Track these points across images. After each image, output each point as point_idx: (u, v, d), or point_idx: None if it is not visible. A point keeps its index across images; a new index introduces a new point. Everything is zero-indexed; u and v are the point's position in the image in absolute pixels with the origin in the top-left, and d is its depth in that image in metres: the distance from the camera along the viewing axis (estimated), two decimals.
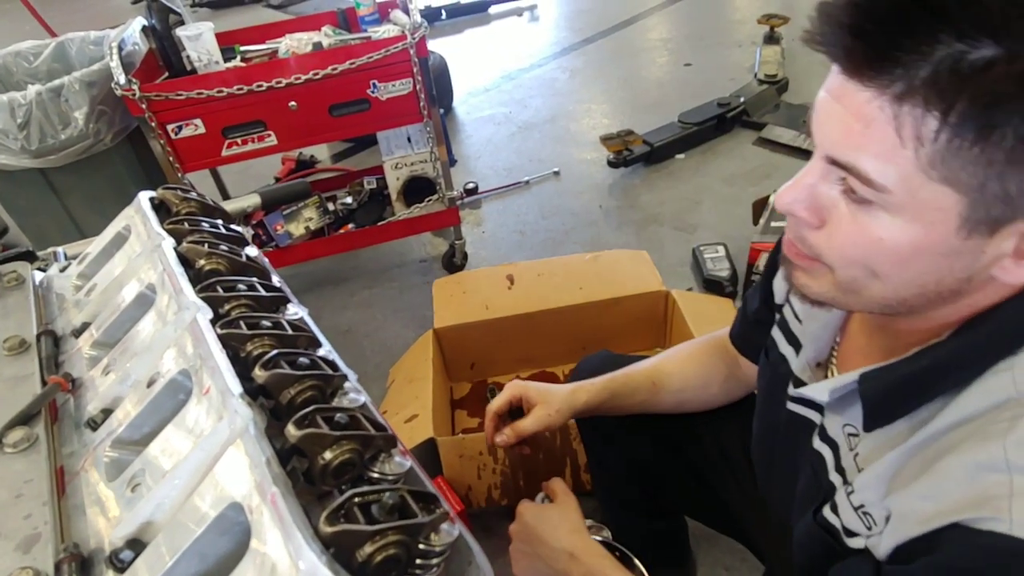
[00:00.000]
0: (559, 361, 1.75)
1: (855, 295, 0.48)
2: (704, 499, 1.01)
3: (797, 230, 0.50)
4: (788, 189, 0.48)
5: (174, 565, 0.33)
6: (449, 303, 1.67)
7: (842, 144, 0.43)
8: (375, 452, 0.38)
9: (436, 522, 0.33)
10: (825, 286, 0.50)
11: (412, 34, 1.68)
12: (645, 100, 3.13)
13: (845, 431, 0.56)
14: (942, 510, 0.42)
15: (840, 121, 0.43)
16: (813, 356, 0.64)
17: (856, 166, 0.42)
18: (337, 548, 0.30)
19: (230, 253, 0.54)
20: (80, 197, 1.81)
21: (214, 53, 1.71)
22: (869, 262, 0.45)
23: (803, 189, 0.47)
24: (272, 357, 0.40)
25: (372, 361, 1.88)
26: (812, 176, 0.47)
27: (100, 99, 1.71)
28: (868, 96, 0.40)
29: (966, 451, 0.43)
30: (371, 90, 1.75)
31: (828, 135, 0.44)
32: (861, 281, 0.47)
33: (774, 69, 2.87)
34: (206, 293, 0.49)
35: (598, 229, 2.30)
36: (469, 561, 0.37)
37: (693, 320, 1.54)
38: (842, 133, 0.43)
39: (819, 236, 0.48)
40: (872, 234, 0.44)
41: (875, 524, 0.49)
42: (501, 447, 0.92)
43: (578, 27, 4.08)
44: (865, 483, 0.51)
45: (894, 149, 0.40)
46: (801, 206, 0.48)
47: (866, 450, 0.53)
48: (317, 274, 2.26)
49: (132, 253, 0.56)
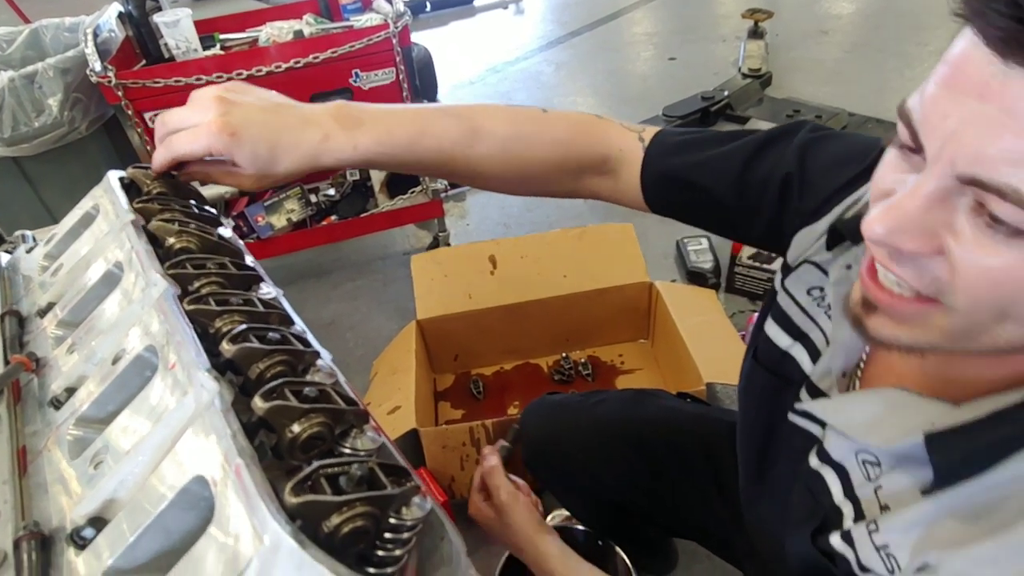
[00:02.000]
0: (543, 352, 1.75)
1: (968, 341, 0.38)
2: (675, 523, 0.97)
3: (898, 267, 0.38)
4: (884, 215, 0.37)
5: (136, 540, 0.32)
6: (431, 289, 1.66)
7: (996, 159, 0.32)
8: (346, 427, 0.37)
9: (406, 495, 0.32)
10: (928, 335, 0.39)
11: (395, 23, 1.67)
12: (630, 93, 3.13)
13: (859, 457, 0.49)
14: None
15: (990, 127, 0.32)
16: (841, 366, 0.53)
17: (1018, 189, 0.31)
18: (303, 520, 0.29)
19: (201, 232, 0.53)
20: (55, 186, 1.77)
21: (192, 40, 1.69)
22: (1011, 303, 0.35)
23: (910, 214, 0.36)
24: (241, 331, 0.39)
25: (355, 354, 1.87)
26: (923, 198, 0.35)
27: (75, 86, 1.67)
28: None
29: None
30: (353, 79, 1.73)
31: (968, 147, 0.33)
32: (985, 325, 0.37)
33: (758, 63, 2.89)
34: (175, 271, 0.47)
35: (583, 221, 2.30)
36: (442, 536, 0.36)
37: (676, 311, 1.54)
38: (993, 143, 0.32)
39: (937, 269, 0.37)
40: (1022, 271, 0.34)
41: (899, 569, 0.44)
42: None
43: (564, 20, 4.07)
44: (894, 525, 0.45)
45: None
46: (908, 237, 0.36)
47: (894, 487, 0.46)
48: (299, 266, 2.24)
49: (100, 232, 0.54)
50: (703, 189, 0.64)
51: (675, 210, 0.69)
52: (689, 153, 0.66)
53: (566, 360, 1.70)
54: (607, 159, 0.68)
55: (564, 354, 1.72)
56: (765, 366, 0.62)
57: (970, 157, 0.33)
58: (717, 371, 1.36)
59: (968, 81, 0.33)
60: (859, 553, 0.47)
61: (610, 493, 0.96)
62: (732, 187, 0.63)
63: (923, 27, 3.31)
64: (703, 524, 0.92)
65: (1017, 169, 0.31)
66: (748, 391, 0.66)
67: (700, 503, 0.90)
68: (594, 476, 0.94)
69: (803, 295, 0.59)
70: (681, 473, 0.90)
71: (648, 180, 0.67)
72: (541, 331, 1.69)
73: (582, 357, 1.72)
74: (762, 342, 0.62)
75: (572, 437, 0.95)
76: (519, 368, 1.74)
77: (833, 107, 2.65)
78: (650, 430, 0.92)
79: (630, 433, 0.92)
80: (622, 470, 0.93)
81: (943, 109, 0.34)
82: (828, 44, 3.31)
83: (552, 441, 0.97)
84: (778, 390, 0.60)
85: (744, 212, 0.63)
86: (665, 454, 0.91)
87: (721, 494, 0.88)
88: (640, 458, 0.92)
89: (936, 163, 0.35)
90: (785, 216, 0.60)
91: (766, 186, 0.61)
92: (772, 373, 0.61)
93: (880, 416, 0.46)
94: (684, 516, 0.93)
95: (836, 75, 2.99)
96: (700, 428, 0.92)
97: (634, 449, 0.92)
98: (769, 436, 0.63)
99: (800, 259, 0.59)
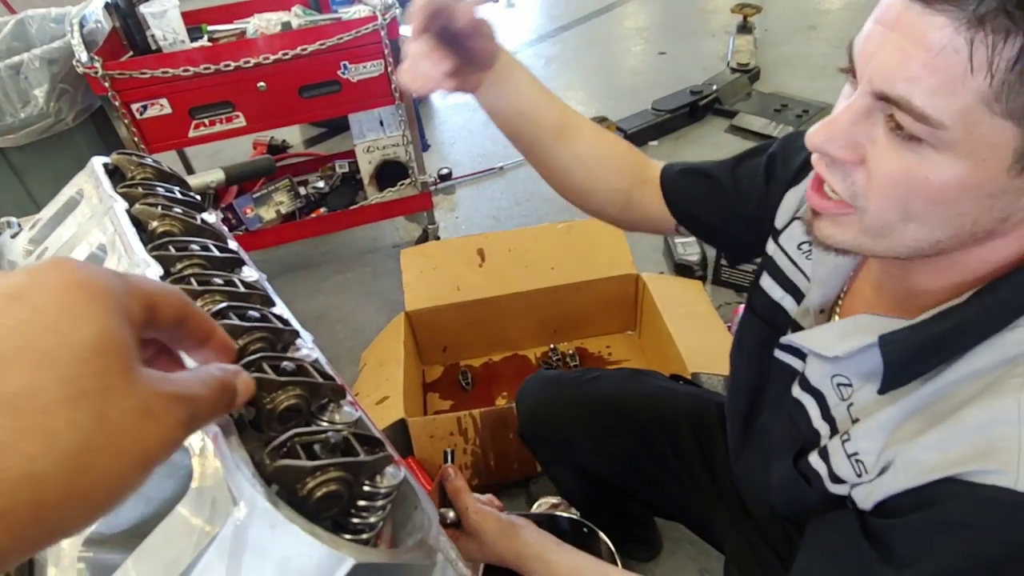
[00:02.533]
0: (531, 344, 1.76)
1: (884, 239, 0.46)
2: (661, 499, 0.99)
3: (829, 173, 0.47)
4: (821, 128, 0.45)
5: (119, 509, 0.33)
6: (419, 281, 1.67)
7: (896, 76, 0.40)
8: (324, 401, 0.39)
9: (379, 463, 0.33)
10: (851, 233, 0.47)
11: (383, 15, 1.67)
12: (620, 87, 3.14)
13: (834, 381, 0.55)
14: (947, 461, 0.42)
15: (896, 51, 0.40)
16: (819, 302, 0.61)
17: (910, 101, 0.39)
18: (279, 484, 0.30)
19: (184, 216, 0.54)
20: (41, 177, 1.77)
21: (180, 31, 1.68)
22: (908, 203, 0.43)
23: (840, 128, 0.44)
24: (220, 309, 0.40)
25: (345, 345, 1.87)
26: (852, 113, 0.44)
27: (61, 77, 1.67)
28: (940, 21, 0.37)
29: (978, 404, 0.42)
30: (342, 71, 1.73)
31: (880, 67, 0.41)
32: (893, 225, 0.45)
33: (746, 58, 2.91)
34: (157, 252, 0.48)
35: (572, 214, 2.29)
36: (415, 506, 0.37)
37: (663, 302, 1.56)
38: (897, 64, 0.40)
39: (857, 175, 0.45)
40: (917, 173, 0.41)
41: (866, 472, 0.49)
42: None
43: (555, 14, 4.07)
44: (864, 432, 0.50)
45: (957, 80, 0.37)
46: (836, 144, 0.45)
47: (863, 400, 0.52)
48: (289, 259, 2.24)
49: (83, 217, 0.55)
50: (709, 176, 0.76)
51: (690, 204, 0.77)
52: (693, 165, 0.79)
53: (554, 352, 1.72)
54: (646, 169, 0.80)
55: (552, 346, 1.74)
56: (759, 315, 0.68)
57: (881, 75, 0.41)
58: (703, 361, 1.38)
59: (888, 15, 0.41)
60: (832, 464, 0.52)
61: (599, 467, 0.98)
62: (729, 176, 0.74)
63: None
64: (687, 502, 0.94)
65: (914, 85, 0.39)
66: (742, 343, 0.73)
67: (687, 479, 0.92)
68: (584, 449, 0.97)
69: (794, 249, 0.65)
70: (670, 449, 0.93)
71: (667, 182, 0.78)
72: (529, 323, 1.70)
73: (570, 348, 1.74)
74: (758, 295, 0.69)
75: (565, 411, 0.98)
76: (507, 360, 1.75)
77: (820, 101, 2.67)
78: (642, 407, 0.95)
79: (622, 409, 0.95)
80: (612, 444, 0.95)
81: (871, 39, 0.42)
82: (816, 39, 3.33)
83: (545, 414, 1.00)
84: (768, 337, 0.66)
85: (739, 195, 0.73)
86: (655, 431, 0.93)
87: (707, 471, 0.90)
88: (630, 433, 0.94)
89: (861, 82, 0.43)
90: (771, 188, 0.69)
91: (755, 170, 0.72)
92: (765, 322, 0.67)
93: (845, 334, 0.53)
94: (670, 493, 0.95)
95: (823, 70, 3.01)
96: (690, 407, 0.94)
97: (625, 424, 0.94)
98: (758, 384, 0.68)
99: (790, 217, 0.66)
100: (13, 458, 0.20)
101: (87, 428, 0.22)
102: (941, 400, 0.45)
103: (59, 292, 0.23)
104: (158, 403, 0.25)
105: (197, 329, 0.30)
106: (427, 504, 0.37)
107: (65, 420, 0.22)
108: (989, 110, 0.38)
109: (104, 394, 0.23)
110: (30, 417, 0.21)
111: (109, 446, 0.23)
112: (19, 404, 0.21)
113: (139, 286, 0.27)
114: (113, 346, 0.24)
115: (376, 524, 0.35)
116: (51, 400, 0.21)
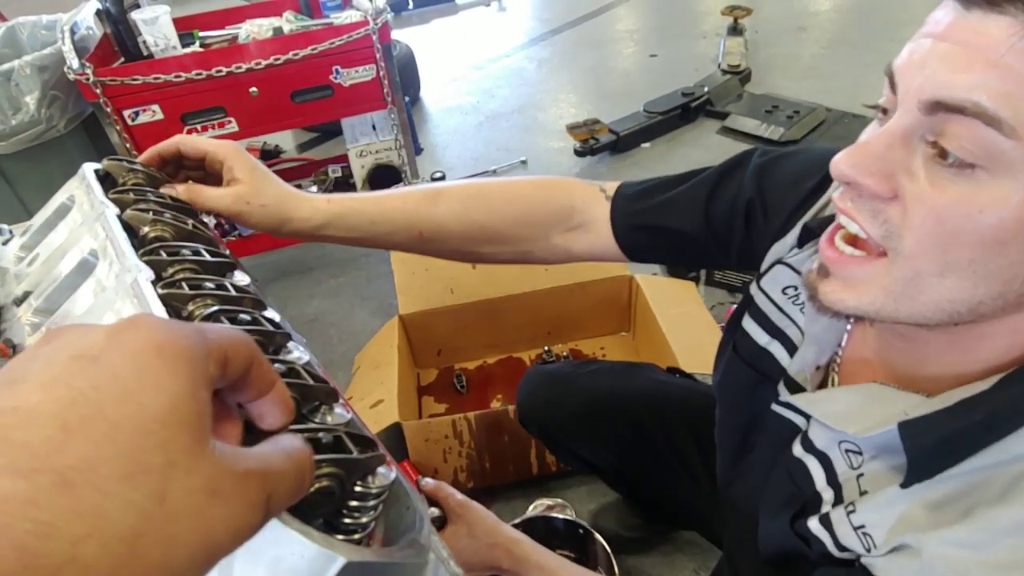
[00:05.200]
0: (525, 346, 1.76)
1: (911, 300, 0.40)
2: (660, 496, 0.99)
3: (856, 209, 0.40)
4: (850, 153, 0.39)
5: None
6: (413, 284, 1.67)
7: (957, 81, 0.35)
8: (315, 404, 0.39)
9: (372, 462, 0.34)
10: (869, 296, 0.41)
11: (374, 19, 1.68)
12: (611, 90, 3.16)
13: (842, 447, 0.50)
14: (982, 563, 0.39)
15: (955, 56, 0.35)
16: (814, 360, 0.56)
17: (979, 103, 0.34)
18: None
19: (176, 221, 0.54)
20: (32, 185, 1.76)
21: (171, 37, 1.68)
22: (952, 245, 0.37)
23: (873, 153, 0.38)
24: (212, 312, 0.40)
25: (339, 349, 1.87)
26: (889, 137, 0.38)
27: (52, 84, 1.67)
28: (1004, 24, 0.34)
29: (1014, 502, 0.38)
30: (334, 76, 1.73)
31: (934, 76, 0.36)
32: (927, 278, 0.38)
33: (737, 60, 2.92)
34: (149, 258, 0.48)
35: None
36: (407, 506, 0.37)
37: (656, 303, 1.56)
38: (958, 67, 0.35)
39: (891, 211, 0.39)
40: (970, 206, 0.35)
41: (875, 547, 0.45)
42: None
43: (546, 17, 4.09)
44: (872, 505, 0.46)
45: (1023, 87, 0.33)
46: (867, 172, 0.38)
47: (874, 473, 0.48)
48: (283, 264, 2.24)
49: (75, 223, 0.55)
50: (675, 231, 0.67)
51: (653, 255, 0.72)
52: (652, 198, 0.69)
53: (548, 353, 1.72)
54: (572, 211, 0.71)
55: (546, 347, 1.74)
56: (744, 359, 0.64)
57: (936, 83, 0.36)
58: (697, 362, 1.38)
59: (937, 28, 0.37)
60: (837, 534, 0.48)
61: (599, 461, 0.98)
62: (700, 224, 0.66)
63: (897, 23, 3.36)
64: (686, 499, 0.94)
65: (976, 88, 0.34)
66: (727, 384, 0.68)
67: (685, 475, 0.92)
68: (583, 444, 0.97)
69: (778, 294, 0.61)
70: (667, 444, 0.93)
71: (620, 231, 0.70)
72: (523, 325, 1.71)
73: (564, 350, 1.74)
74: (740, 337, 0.64)
75: (563, 406, 0.98)
76: (502, 362, 1.76)
77: (811, 102, 2.69)
78: (638, 401, 0.95)
79: (618, 404, 0.95)
80: (610, 439, 0.95)
81: (917, 55, 0.38)
82: (806, 40, 3.36)
83: (544, 409, 1.00)
84: (758, 383, 0.62)
85: (716, 244, 0.67)
86: (652, 425, 0.93)
87: (705, 466, 0.89)
88: (627, 428, 0.93)
89: (904, 100, 0.38)
90: (754, 239, 0.64)
91: (732, 216, 0.65)
92: (751, 366, 0.63)
93: (859, 407, 0.48)
94: (669, 490, 0.95)
95: (813, 71, 3.03)
96: (687, 401, 0.94)
97: (622, 419, 0.94)
98: (750, 425, 0.65)
99: (772, 262, 0.61)
100: (57, 542, 0.18)
101: (143, 510, 0.19)
102: (961, 484, 0.41)
103: (138, 357, 0.21)
104: (228, 482, 0.21)
105: (260, 379, 0.27)
106: (419, 504, 0.37)
107: (121, 500, 0.19)
108: None
109: (166, 471, 0.20)
110: (85, 495, 0.18)
111: (165, 531, 0.19)
112: (75, 479, 0.18)
113: (217, 342, 0.24)
114: (183, 416, 0.21)
115: (368, 524, 0.35)
116: (109, 476, 0.19)
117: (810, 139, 2.50)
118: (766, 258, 0.63)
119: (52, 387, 0.20)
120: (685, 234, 0.67)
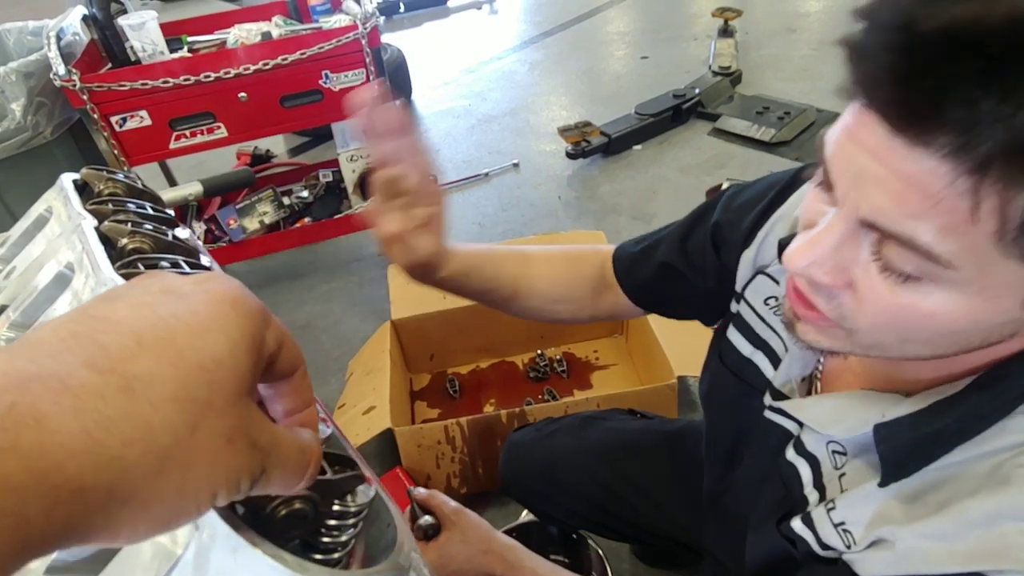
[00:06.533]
0: (518, 350, 1.76)
1: (878, 352, 0.42)
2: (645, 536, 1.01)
3: (812, 293, 0.42)
4: (803, 249, 0.40)
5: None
6: (405, 292, 1.66)
7: (894, 213, 0.34)
8: None
9: (348, 482, 0.33)
10: (840, 342, 0.43)
11: (364, 24, 1.67)
12: (603, 92, 3.16)
13: (829, 448, 0.52)
14: (952, 555, 0.40)
15: (889, 190, 0.34)
16: (799, 373, 0.57)
17: (914, 239, 0.34)
18: (243, 506, 0.30)
19: (155, 232, 0.53)
20: (19, 193, 1.75)
21: (159, 43, 1.67)
22: (906, 332, 0.38)
23: (824, 250, 0.39)
24: None
25: (331, 355, 1.86)
26: (835, 236, 0.38)
27: (39, 90, 1.65)
28: (932, 165, 0.32)
29: (983, 496, 0.40)
30: (323, 81, 1.73)
31: (870, 200, 0.35)
32: (889, 345, 0.41)
33: (728, 61, 2.93)
34: (126, 270, 0.47)
35: (557, 220, 2.32)
36: (388, 523, 0.37)
37: None
38: (891, 202, 0.34)
39: (844, 298, 0.40)
40: (920, 309, 0.36)
41: (855, 543, 0.47)
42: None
43: (537, 20, 4.09)
44: (850, 503, 0.48)
45: (965, 221, 0.32)
46: (822, 270, 0.39)
47: (854, 472, 0.50)
48: (274, 269, 2.23)
49: (52, 235, 0.54)
50: (664, 265, 0.71)
51: (656, 298, 0.77)
52: (641, 250, 0.75)
53: (541, 357, 1.72)
54: (604, 272, 0.78)
55: (539, 351, 1.74)
56: (730, 369, 0.65)
57: (873, 209, 0.35)
58: (689, 365, 1.38)
59: (864, 139, 0.35)
60: (819, 532, 0.50)
61: (577, 520, 1.01)
62: (681, 256, 0.70)
63: None
64: (669, 533, 0.95)
65: (916, 223, 0.33)
66: (715, 393, 0.70)
67: (657, 515, 0.94)
68: (556, 506, 1.01)
69: (761, 305, 0.62)
70: (632, 491, 0.95)
71: (627, 287, 0.76)
72: (516, 329, 1.70)
73: (557, 354, 1.74)
74: (726, 347, 0.66)
75: (528, 475, 1.02)
76: (495, 366, 1.75)
77: (801, 103, 2.69)
78: (597, 456, 0.98)
79: (579, 463, 0.98)
80: (580, 497, 0.98)
81: (847, 154, 0.36)
82: (796, 42, 3.36)
83: (519, 481, 1.04)
84: (743, 392, 0.63)
85: (695, 273, 0.70)
86: (612, 478, 0.96)
87: (676, 501, 0.91)
88: (593, 484, 0.96)
89: (844, 204, 0.37)
90: (723, 257, 0.66)
91: (703, 244, 0.68)
92: (736, 376, 0.64)
93: (842, 410, 0.50)
94: (648, 527, 0.97)
95: (804, 72, 3.04)
96: (643, 445, 0.97)
97: (586, 477, 0.97)
98: (740, 434, 0.66)
99: (751, 275, 0.63)
100: (114, 437, 0.20)
101: (178, 434, 0.21)
102: (934, 478, 0.43)
103: (216, 303, 0.24)
104: (242, 439, 0.24)
105: (303, 388, 0.29)
106: (399, 521, 0.36)
107: (164, 418, 0.21)
108: (1004, 255, 0.33)
109: (204, 408, 0.22)
110: (139, 404, 0.21)
111: (186, 458, 0.22)
112: (135, 388, 0.21)
113: (279, 326, 0.27)
114: (236, 364, 0.24)
115: (348, 543, 0.34)
116: (162, 394, 0.21)
117: (801, 140, 2.51)
118: (738, 271, 0.64)
119: (139, 308, 0.23)
120: (686, 280, 0.71)
